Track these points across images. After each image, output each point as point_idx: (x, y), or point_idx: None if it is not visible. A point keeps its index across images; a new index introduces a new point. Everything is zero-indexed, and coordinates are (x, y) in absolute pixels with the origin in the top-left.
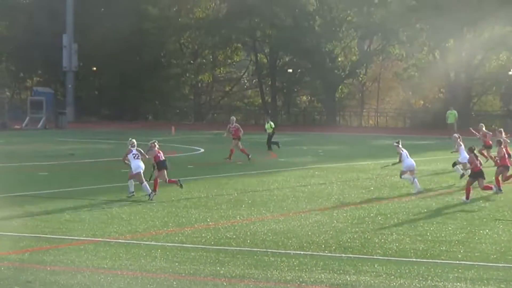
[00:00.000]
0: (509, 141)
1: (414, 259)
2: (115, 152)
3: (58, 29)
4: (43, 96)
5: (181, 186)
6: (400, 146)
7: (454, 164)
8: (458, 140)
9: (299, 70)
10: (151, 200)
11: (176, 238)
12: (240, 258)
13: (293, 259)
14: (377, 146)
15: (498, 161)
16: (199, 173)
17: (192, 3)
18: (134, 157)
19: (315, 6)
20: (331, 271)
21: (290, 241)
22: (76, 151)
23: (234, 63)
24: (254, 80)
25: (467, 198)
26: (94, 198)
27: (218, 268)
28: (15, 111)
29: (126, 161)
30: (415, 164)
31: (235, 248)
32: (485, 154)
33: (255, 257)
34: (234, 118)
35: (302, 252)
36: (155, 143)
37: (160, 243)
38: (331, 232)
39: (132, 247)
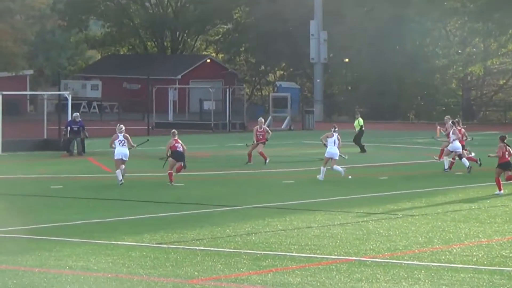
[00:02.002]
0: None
1: None
2: (375, 158)
3: (305, 16)
4: (287, 92)
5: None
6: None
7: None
8: (452, 127)
9: None
10: (120, 185)
11: (443, 257)
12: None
13: None
14: None
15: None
16: (470, 181)
17: None
18: (119, 143)
19: None
20: None
21: None
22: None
23: (510, 52)
24: None
25: (500, 189)
26: (347, 210)
27: None
28: (255, 110)
29: (112, 146)
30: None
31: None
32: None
33: None
34: (262, 120)
35: None
36: (175, 132)
37: (424, 263)
38: None
39: (391, 267)
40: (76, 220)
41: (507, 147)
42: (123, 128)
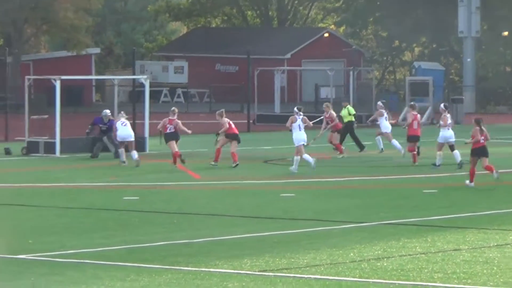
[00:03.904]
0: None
1: None
2: None
3: None
4: (429, 76)
5: (182, 161)
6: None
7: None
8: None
9: None
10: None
11: None
12: None
13: None
14: None
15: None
16: None
17: None
18: (122, 124)
19: None
20: None
21: None
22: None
23: None
24: None
25: (471, 181)
26: (507, 228)
27: None
28: (387, 98)
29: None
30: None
31: None
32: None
33: None
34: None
35: None
36: (175, 111)
37: None
38: None
39: None
40: (156, 241)
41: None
42: (124, 114)
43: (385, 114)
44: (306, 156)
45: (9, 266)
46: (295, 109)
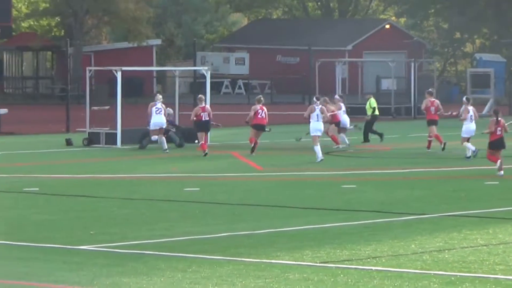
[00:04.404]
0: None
1: None
2: None
3: None
4: (490, 67)
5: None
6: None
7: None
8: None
9: None
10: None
11: None
12: None
13: None
14: None
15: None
16: None
17: None
18: (156, 111)
19: None
20: None
21: None
22: None
23: None
24: None
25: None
26: None
27: None
28: (448, 89)
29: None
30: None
31: None
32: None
33: None
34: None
35: None
36: (202, 98)
37: None
38: None
39: None
40: (218, 233)
41: (501, 121)
42: (160, 97)
43: (343, 107)
44: (317, 148)
45: (71, 257)
46: (314, 98)
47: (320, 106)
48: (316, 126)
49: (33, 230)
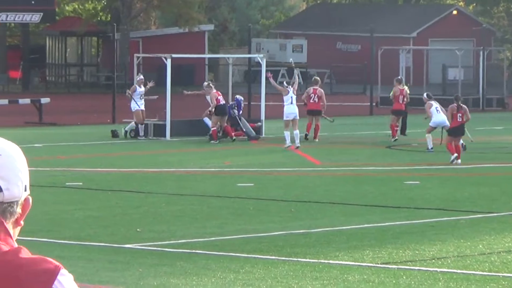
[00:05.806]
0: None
1: None
2: None
3: None
4: None
5: (232, 140)
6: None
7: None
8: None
9: None
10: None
11: None
12: None
13: None
14: None
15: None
16: None
17: None
18: (140, 97)
19: None
20: None
21: None
22: None
23: None
24: None
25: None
26: None
27: None
28: None
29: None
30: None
31: None
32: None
33: None
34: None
35: None
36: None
37: None
38: None
39: None
40: (272, 231)
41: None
42: (143, 79)
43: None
44: (287, 133)
45: (116, 256)
46: (284, 82)
47: (292, 89)
48: (289, 109)
49: (76, 227)
